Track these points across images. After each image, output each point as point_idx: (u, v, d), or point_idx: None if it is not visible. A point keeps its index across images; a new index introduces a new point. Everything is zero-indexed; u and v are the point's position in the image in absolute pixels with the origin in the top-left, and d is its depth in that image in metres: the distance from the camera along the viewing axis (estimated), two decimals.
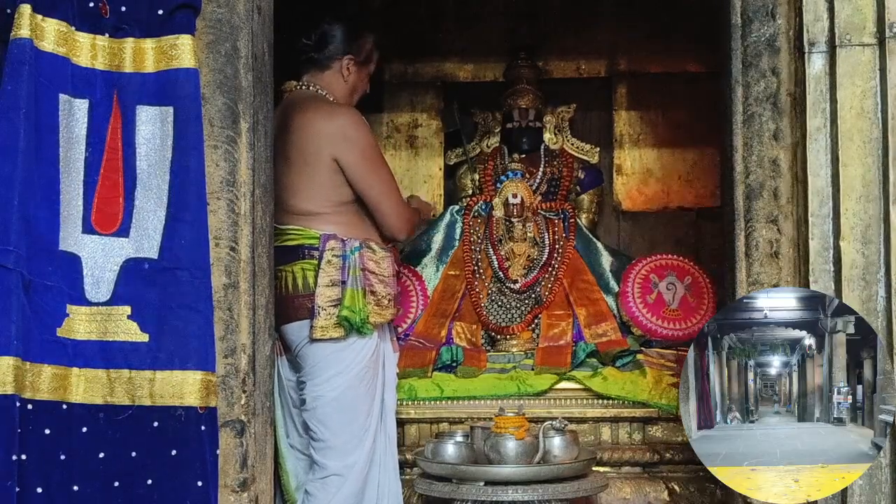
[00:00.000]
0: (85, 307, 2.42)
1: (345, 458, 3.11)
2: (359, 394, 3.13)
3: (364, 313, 3.07)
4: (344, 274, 3.07)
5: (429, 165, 5.05)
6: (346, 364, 3.10)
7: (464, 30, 5.00)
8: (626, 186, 5.02)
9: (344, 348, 3.10)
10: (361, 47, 3.30)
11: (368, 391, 3.15)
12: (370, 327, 3.10)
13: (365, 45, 3.31)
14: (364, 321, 3.07)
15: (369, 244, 3.14)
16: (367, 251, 3.12)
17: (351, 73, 3.29)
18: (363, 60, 3.31)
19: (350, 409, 3.12)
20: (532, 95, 4.64)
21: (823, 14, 2.63)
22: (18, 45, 2.39)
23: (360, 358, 3.13)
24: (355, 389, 3.12)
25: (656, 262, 4.27)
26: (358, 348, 3.12)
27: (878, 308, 2.56)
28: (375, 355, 3.17)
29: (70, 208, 2.43)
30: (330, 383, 3.09)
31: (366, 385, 3.14)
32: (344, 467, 3.11)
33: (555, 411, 3.59)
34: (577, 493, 2.99)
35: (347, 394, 3.11)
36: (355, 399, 3.12)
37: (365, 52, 3.31)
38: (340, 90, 3.29)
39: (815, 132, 2.62)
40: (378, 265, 3.13)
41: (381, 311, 3.13)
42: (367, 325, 3.09)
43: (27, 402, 2.32)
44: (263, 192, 2.67)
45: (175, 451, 2.41)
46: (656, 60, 4.97)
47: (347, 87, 3.30)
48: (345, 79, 3.29)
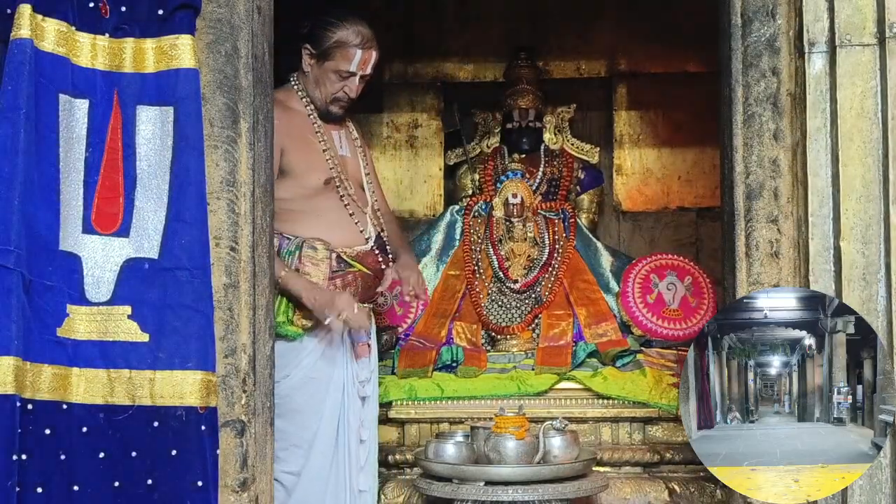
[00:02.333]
0: (85, 307, 2.42)
1: (282, 465, 3.00)
2: (298, 402, 3.02)
3: (285, 316, 2.96)
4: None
5: (429, 165, 5.05)
6: (287, 370, 2.99)
7: (464, 30, 5.00)
8: (626, 186, 5.03)
9: (283, 353, 2.95)
10: (320, 39, 3.12)
11: (311, 401, 3.03)
12: (293, 330, 2.98)
13: (325, 38, 3.12)
14: (283, 324, 2.96)
15: (313, 244, 3.03)
16: (308, 250, 3.02)
17: (311, 66, 3.15)
18: (320, 54, 3.13)
19: (290, 417, 3.00)
20: (532, 95, 4.64)
21: (823, 14, 2.63)
22: (19, 46, 2.38)
23: (303, 364, 3.02)
24: (293, 398, 3.01)
25: (656, 262, 4.28)
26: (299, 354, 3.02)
27: (878, 308, 2.56)
28: (325, 361, 3.06)
29: (70, 208, 2.43)
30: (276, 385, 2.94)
31: (307, 394, 3.03)
32: (283, 474, 3.02)
33: (555, 411, 3.60)
34: (577, 493, 2.99)
35: (287, 401, 2.99)
36: (295, 407, 3.02)
37: (324, 45, 3.12)
38: (308, 84, 3.18)
39: (816, 132, 2.62)
40: (316, 267, 3.02)
41: (310, 313, 2.99)
42: (287, 328, 2.97)
43: (27, 402, 2.32)
44: (263, 192, 2.67)
45: (175, 451, 2.41)
46: (656, 60, 4.98)
47: (311, 82, 3.18)
48: (306, 71, 3.17)
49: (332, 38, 3.12)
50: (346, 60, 3.13)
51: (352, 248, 3.11)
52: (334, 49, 3.13)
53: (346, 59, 3.13)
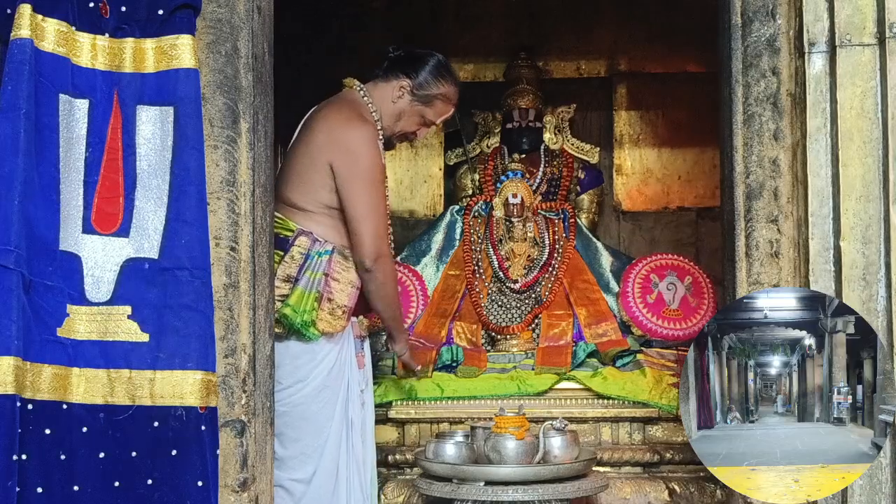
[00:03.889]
0: (85, 307, 2.42)
1: (291, 472, 3.00)
2: (313, 411, 3.02)
3: (310, 316, 2.96)
4: (300, 272, 2.99)
5: (429, 165, 5.06)
6: (302, 374, 3.00)
7: (464, 30, 5.01)
8: (626, 186, 5.03)
9: (300, 355, 2.99)
10: (428, 84, 3.16)
11: (325, 409, 3.03)
12: (314, 332, 2.98)
13: (434, 86, 3.16)
14: (306, 324, 2.96)
15: (344, 251, 3.04)
16: (339, 257, 3.03)
17: (402, 98, 3.15)
18: (420, 96, 3.15)
19: (302, 426, 3.01)
20: (532, 95, 4.65)
21: (823, 14, 2.63)
22: (19, 45, 2.38)
23: (320, 371, 3.02)
24: (308, 406, 3.01)
25: (656, 262, 4.28)
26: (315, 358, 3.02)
27: (878, 308, 2.56)
28: (337, 369, 3.07)
29: (70, 208, 2.43)
30: (283, 392, 2.98)
31: (321, 403, 3.03)
32: (290, 482, 3.01)
33: (555, 411, 3.60)
34: (577, 493, 2.99)
35: (301, 409, 3.00)
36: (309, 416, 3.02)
37: (428, 90, 3.16)
38: (386, 109, 3.17)
39: (815, 132, 2.62)
40: (346, 273, 3.03)
41: (334, 320, 3.00)
42: (310, 329, 2.97)
43: (27, 402, 2.32)
44: (263, 192, 2.67)
45: (175, 451, 2.41)
46: (656, 60, 4.98)
47: (393, 110, 3.17)
48: (392, 100, 3.16)
49: (441, 89, 3.19)
50: (439, 114, 3.22)
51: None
52: (437, 99, 3.19)
53: (439, 114, 3.22)
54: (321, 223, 3.05)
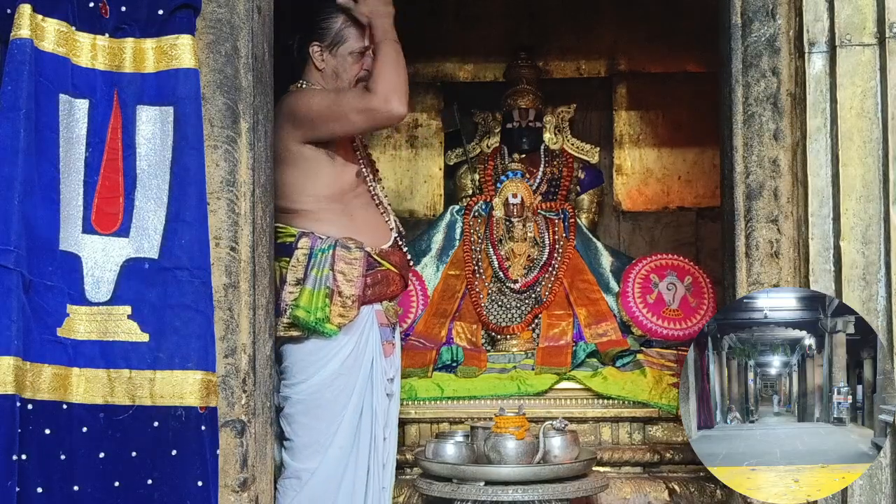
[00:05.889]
0: (85, 307, 2.42)
1: (304, 462, 3.01)
2: (326, 398, 3.03)
3: (323, 313, 2.96)
4: (306, 272, 2.99)
5: (429, 165, 5.06)
6: (316, 367, 3.01)
7: (464, 30, 5.00)
8: (626, 186, 5.03)
9: (315, 351, 3.00)
10: (325, 30, 3.17)
11: (339, 397, 3.03)
12: (331, 328, 2.98)
13: (329, 27, 3.17)
14: (321, 321, 2.96)
15: (346, 244, 3.04)
16: (342, 250, 3.02)
17: (323, 59, 3.17)
18: (331, 42, 3.17)
19: (315, 413, 3.02)
20: (532, 95, 4.65)
21: (823, 14, 2.63)
22: (18, 46, 2.38)
23: (333, 362, 3.03)
24: (322, 394, 3.02)
25: (656, 262, 4.28)
26: (330, 352, 3.02)
27: (878, 308, 2.56)
28: (353, 359, 3.06)
29: (70, 208, 2.43)
30: (300, 385, 3.01)
31: (335, 391, 3.03)
32: (303, 470, 3.01)
33: (555, 411, 3.60)
34: (577, 493, 2.99)
35: (315, 397, 3.01)
36: (322, 403, 3.02)
37: (331, 33, 3.17)
38: (325, 80, 3.18)
39: (815, 132, 2.62)
40: (350, 266, 3.03)
41: (346, 311, 3.00)
42: (325, 325, 2.97)
43: (27, 402, 2.32)
44: (263, 192, 2.67)
45: (175, 450, 2.41)
46: (656, 60, 4.98)
47: (328, 74, 3.18)
48: (318, 67, 3.17)
49: (337, 22, 3.18)
50: (358, 38, 3.20)
51: (379, 246, 3.14)
52: (343, 32, 3.19)
53: (358, 37, 3.20)
54: (319, 220, 3.06)
